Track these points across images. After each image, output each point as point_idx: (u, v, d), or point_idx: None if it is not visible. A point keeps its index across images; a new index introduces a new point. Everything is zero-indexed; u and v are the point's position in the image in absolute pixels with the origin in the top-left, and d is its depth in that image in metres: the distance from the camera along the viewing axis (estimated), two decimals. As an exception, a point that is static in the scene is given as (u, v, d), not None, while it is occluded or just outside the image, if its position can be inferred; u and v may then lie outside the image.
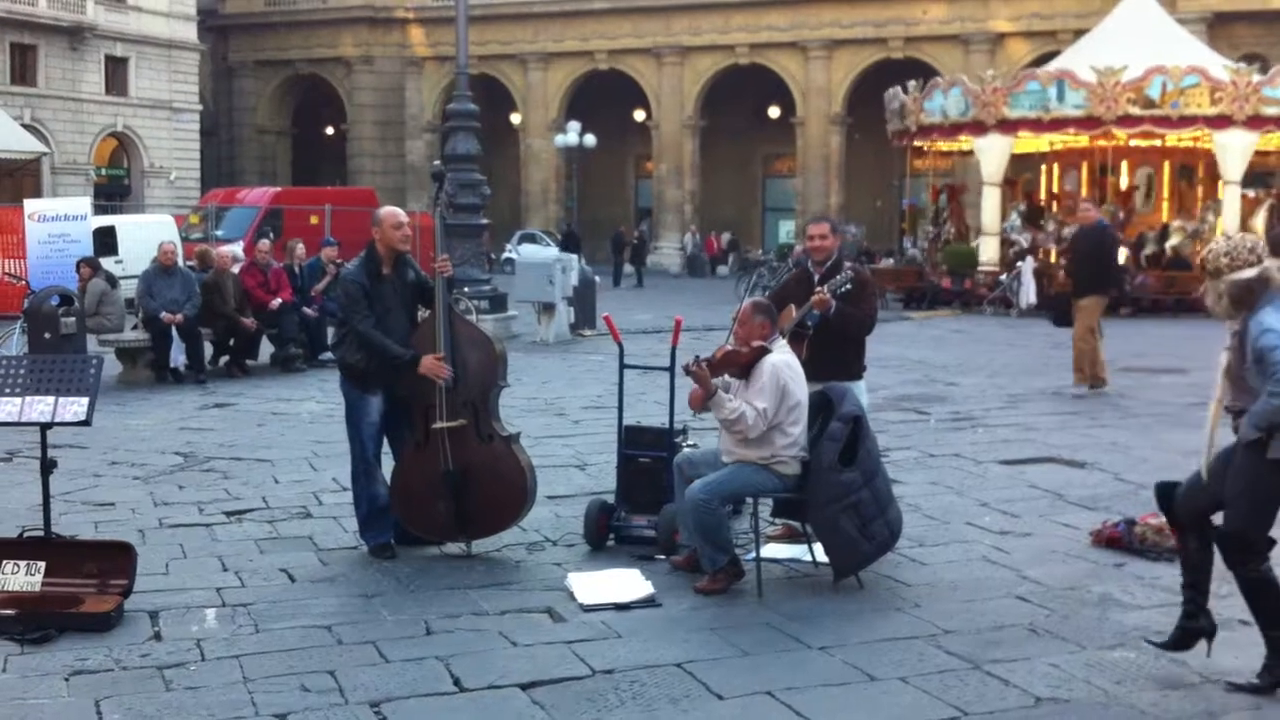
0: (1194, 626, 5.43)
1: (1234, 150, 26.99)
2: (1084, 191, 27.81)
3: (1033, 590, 6.58)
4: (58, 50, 40.00)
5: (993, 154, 28.49)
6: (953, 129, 29.25)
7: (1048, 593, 6.53)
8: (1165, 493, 5.57)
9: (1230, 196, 27.36)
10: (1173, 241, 27.38)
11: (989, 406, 13.19)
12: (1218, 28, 38.19)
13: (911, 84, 30.64)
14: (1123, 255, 24.91)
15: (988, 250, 28.28)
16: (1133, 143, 27.80)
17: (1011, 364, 17.38)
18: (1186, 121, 26.69)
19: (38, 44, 39.56)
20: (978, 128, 28.19)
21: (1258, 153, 29.62)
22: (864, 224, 44.22)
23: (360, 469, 7.26)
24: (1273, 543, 5.33)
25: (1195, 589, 5.46)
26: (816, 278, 7.54)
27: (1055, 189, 30.85)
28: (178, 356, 14.61)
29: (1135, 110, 26.43)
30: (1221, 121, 26.57)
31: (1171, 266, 26.83)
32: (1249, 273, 5.08)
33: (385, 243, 7.16)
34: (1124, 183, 29.18)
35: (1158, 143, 28.09)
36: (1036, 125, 27.70)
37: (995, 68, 34.81)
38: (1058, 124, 27.39)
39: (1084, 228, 14.44)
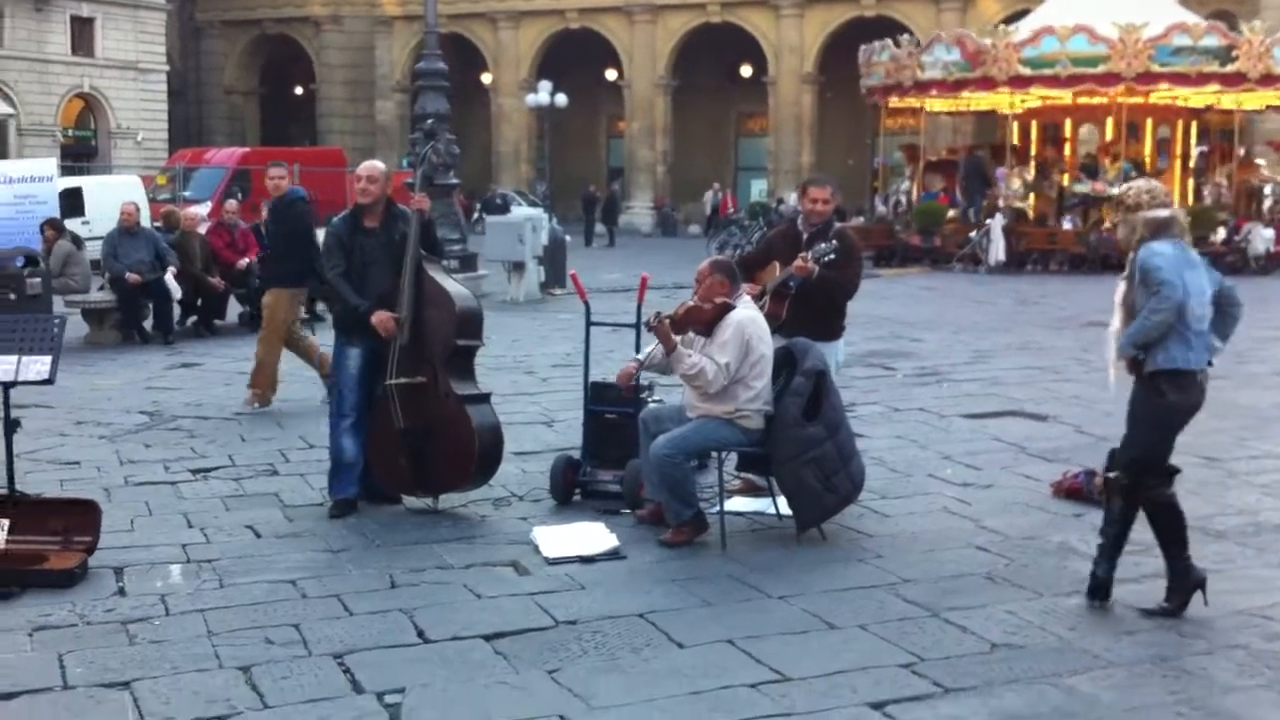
0: (1097, 577, 5.63)
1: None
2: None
3: (992, 540, 6.66)
4: (23, 10, 39.46)
5: None
6: (955, 85, 28.59)
7: (1007, 542, 6.62)
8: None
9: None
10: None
11: (955, 362, 13.29)
12: (1188, -15, 38.12)
13: (905, 38, 30.37)
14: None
15: None
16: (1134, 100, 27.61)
17: (979, 320, 17.48)
18: (1205, 79, 26.67)
19: (3, 4, 38.98)
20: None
21: (1221, 111, 29.74)
22: (837, 182, 44.09)
23: (334, 420, 7.30)
24: (1174, 470, 5.56)
25: (1113, 543, 5.63)
26: (805, 237, 7.52)
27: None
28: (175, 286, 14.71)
29: None
30: (1236, 80, 26.64)
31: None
32: (1163, 212, 5.53)
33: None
34: (1148, 142, 28.77)
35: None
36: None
37: (968, 25, 34.71)
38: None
39: (275, 201, 10.68)
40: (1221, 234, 26.72)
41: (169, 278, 14.60)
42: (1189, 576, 5.52)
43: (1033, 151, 30.19)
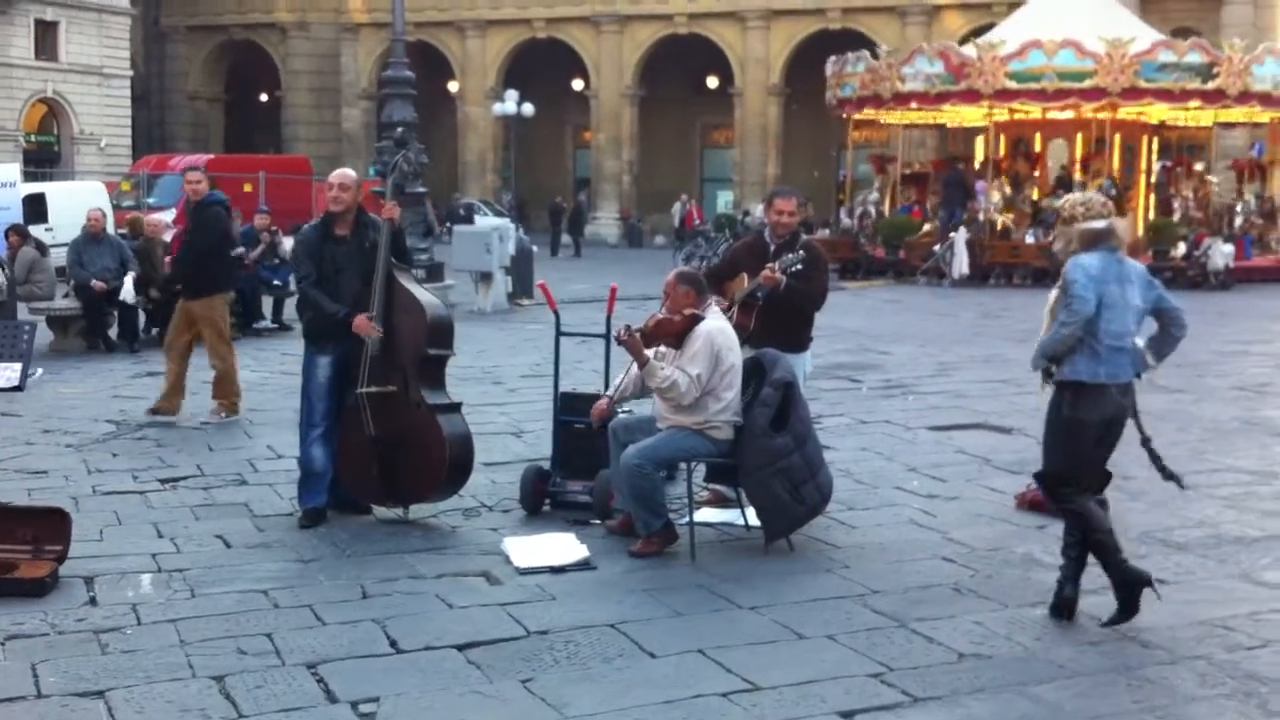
0: (1063, 596, 5.69)
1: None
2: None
3: (958, 551, 6.75)
4: (-15, 14, 39.23)
5: None
6: (937, 98, 28.44)
7: (972, 554, 6.71)
8: None
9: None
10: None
11: (920, 374, 13.40)
12: (1150, 2, 38.56)
13: (883, 50, 30.45)
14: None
15: None
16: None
17: (944, 333, 17.63)
18: (1187, 95, 26.98)
19: (-36, 8, 38.76)
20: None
21: (1178, 126, 30.10)
22: (803, 194, 44.30)
23: (304, 429, 7.31)
24: (1106, 476, 5.68)
25: (1075, 564, 5.71)
26: (772, 248, 7.57)
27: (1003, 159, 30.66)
28: (131, 291, 14.54)
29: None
30: (1216, 96, 26.96)
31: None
32: (1099, 223, 5.62)
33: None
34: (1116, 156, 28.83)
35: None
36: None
37: (933, 39, 34.97)
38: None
39: (194, 205, 10.32)
40: (1182, 249, 27.04)
41: (126, 284, 14.47)
42: (1130, 578, 5.56)
43: (1002, 166, 30.40)
